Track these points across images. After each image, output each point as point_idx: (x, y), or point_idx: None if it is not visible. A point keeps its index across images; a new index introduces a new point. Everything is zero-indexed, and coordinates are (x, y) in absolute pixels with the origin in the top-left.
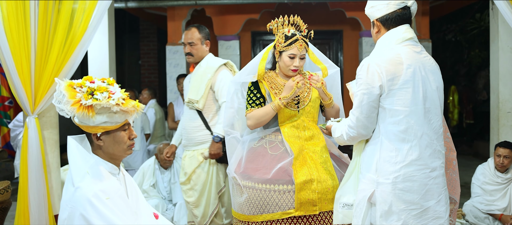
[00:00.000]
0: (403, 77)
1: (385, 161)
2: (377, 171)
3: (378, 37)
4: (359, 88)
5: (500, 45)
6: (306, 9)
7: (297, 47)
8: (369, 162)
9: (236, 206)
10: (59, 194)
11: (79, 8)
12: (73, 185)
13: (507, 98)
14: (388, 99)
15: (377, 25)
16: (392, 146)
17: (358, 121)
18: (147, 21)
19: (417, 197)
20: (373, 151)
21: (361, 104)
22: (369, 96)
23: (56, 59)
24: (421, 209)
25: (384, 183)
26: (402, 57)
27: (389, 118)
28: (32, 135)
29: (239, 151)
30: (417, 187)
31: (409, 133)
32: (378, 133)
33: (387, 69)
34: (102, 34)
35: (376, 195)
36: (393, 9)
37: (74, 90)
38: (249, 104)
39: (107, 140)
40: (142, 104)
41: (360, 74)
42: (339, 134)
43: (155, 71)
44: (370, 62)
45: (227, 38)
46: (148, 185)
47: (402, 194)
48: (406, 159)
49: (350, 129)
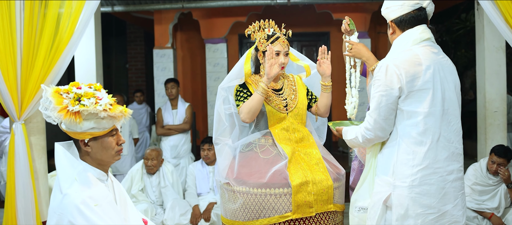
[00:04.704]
0: (423, 79)
1: (402, 164)
2: (394, 174)
3: (393, 38)
4: (377, 90)
5: (486, 45)
6: (293, 11)
7: (281, 43)
8: (385, 164)
9: (229, 213)
10: (46, 201)
11: (65, 12)
12: (61, 192)
13: (494, 97)
14: (407, 100)
15: (392, 26)
16: (410, 149)
17: (376, 123)
18: (134, 25)
19: (434, 201)
20: (390, 153)
21: (379, 106)
22: (387, 98)
23: (42, 64)
24: (438, 213)
25: (400, 186)
26: (421, 58)
27: (407, 120)
28: (19, 141)
29: (230, 156)
30: (434, 191)
31: (427, 135)
32: (395, 135)
33: (407, 71)
34: (89, 38)
35: (392, 198)
36: (407, 10)
37: (60, 97)
38: (239, 101)
39: (95, 146)
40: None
41: (379, 76)
42: (353, 136)
43: (142, 74)
44: (389, 63)
45: (214, 41)
46: (136, 189)
47: (419, 197)
48: (423, 162)
49: (367, 131)
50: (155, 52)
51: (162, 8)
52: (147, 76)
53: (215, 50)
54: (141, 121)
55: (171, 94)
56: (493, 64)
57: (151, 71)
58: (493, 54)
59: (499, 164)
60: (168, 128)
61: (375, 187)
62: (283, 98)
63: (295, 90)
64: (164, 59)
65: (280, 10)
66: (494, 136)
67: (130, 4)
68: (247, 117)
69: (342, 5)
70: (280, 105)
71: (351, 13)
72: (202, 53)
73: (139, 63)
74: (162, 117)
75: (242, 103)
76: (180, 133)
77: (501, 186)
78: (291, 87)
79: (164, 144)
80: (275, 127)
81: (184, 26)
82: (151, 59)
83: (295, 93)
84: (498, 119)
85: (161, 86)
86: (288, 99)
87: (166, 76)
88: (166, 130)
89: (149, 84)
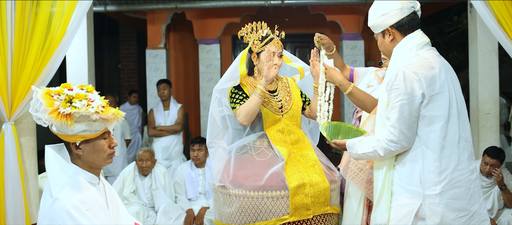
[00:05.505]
0: (439, 81)
1: (429, 171)
2: (422, 183)
3: (393, 46)
4: (397, 99)
5: (479, 47)
6: (287, 13)
7: (274, 44)
8: (410, 175)
9: (224, 217)
10: (36, 203)
11: (57, 11)
12: (51, 196)
13: (487, 99)
14: (428, 106)
15: (392, 32)
16: (435, 155)
17: (402, 134)
18: (127, 25)
19: (464, 203)
20: (413, 162)
21: (403, 116)
22: (410, 106)
23: (33, 64)
24: (469, 214)
25: (431, 194)
26: (431, 62)
27: (429, 125)
28: (8, 142)
29: (224, 159)
30: (463, 193)
31: (448, 138)
32: (418, 143)
33: (425, 75)
34: (81, 38)
35: (424, 209)
36: (407, 13)
37: (51, 98)
38: (235, 103)
39: (86, 149)
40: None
41: (397, 84)
42: (369, 150)
43: (135, 75)
44: (405, 70)
45: (207, 42)
46: (128, 191)
47: (451, 202)
48: (450, 165)
49: (392, 144)
50: (147, 53)
51: (155, 8)
52: (140, 77)
53: (208, 51)
54: (133, 122)
55: (163, 95)
56: (486, 66)
57: (144, 72)
58: (486, 56)
59: (492, 166)
60: (160, 129)
61: (399, 200)
62: (278, 99)
63: (289, 92)
64: (157, 59)
65: (273, 11)
66: (487, 138)
67: (123, 4)
68: (245, 120)
69: (336, 7)
70: (275, 106)
71: (344, 14)
72: (195, 54)
73: (131, 63)
74: (154, 118)
75: (239, 106)
76: (172, 134)
77: (494, 188)
78: (285, 89)
79: (156, 145)
80: (271, 129)
81: (177, 27)
82: (144, 59)
83: (290, 95)
84: (490, 121)
85: (154, 87)
86: (282, 100)
87: (158, 77)
88: (157, 131)
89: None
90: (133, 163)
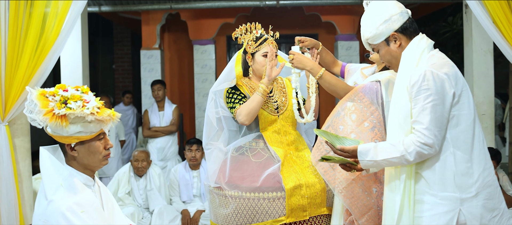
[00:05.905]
0: (462, 79)
1: (463, 174)
2: (458, 187)
3: (401, 51)
4: (428, 100)
5: (474, 48)
6: (282, 13)
7: (270, 44)
8: (442, 179)
9: (220, 218)
10: (31, 204)
11: (52, 12)
12: (46, 198)
13: (482, 100)
14: (457, 105)
15: (399, 37)
16: (467, 156)
17: (437, 137)
18: (121, 25)
19: (496, 202)
20: (444, 166)
21: (435, 117)
22: (442, 106)
23: (27, 64)
24: (500, 213)
25: (468, 198)
26: (449, 60)
27: (457, 126)
28: (2, 143)
29: (220, 160)
30: (494, 192)
31: (475, 137)
32: (447, 145)
33: (451, 73)
34: (75, 39)
35: (464, 213)
36: (406, 17)
37: (46, 99)
38: (234, 103)
39: (81, 151)
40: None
41: (427, 85)
42: (395, 155)
43: (129, 75)
44: (432, 69)
45: (202, 43)
46: (123, 192)
47: (486, 203)
48: (480, 165)
49: (425, 147)
50: (142, 53)
51: (149, 9)
52: (134, 77)
53: (203, 52)
54: (128, 122)
55: (158, 96)
56: (481, 67)
57: (138, 72)
58: (481, 57)
59: None
60: (154, 130)
61: (433, 209)
62: (274, 100)
63: (285, 93)
64: (152, 60)
65: (268, 12)
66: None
67: (117, 4)
68: (247, 119)
69: (331, 7)
70: (271, 107)
71: (339, 15)
72: (190, 55)
73: (126, 64)
74: (148, 119)
75: (239, 105)
76: (167, 135)
77: None
78: (281, 89)
79: (151, 146)
80: (267, 130)
81: (172, 27)
82: (138, 60)
83: (286, 95)
84: (486, 122)
85: (148, 88)
86: (278, 101)
87: (153, 77)
88: (152, 132)
89: (136, 85)
90: (128, 164)
